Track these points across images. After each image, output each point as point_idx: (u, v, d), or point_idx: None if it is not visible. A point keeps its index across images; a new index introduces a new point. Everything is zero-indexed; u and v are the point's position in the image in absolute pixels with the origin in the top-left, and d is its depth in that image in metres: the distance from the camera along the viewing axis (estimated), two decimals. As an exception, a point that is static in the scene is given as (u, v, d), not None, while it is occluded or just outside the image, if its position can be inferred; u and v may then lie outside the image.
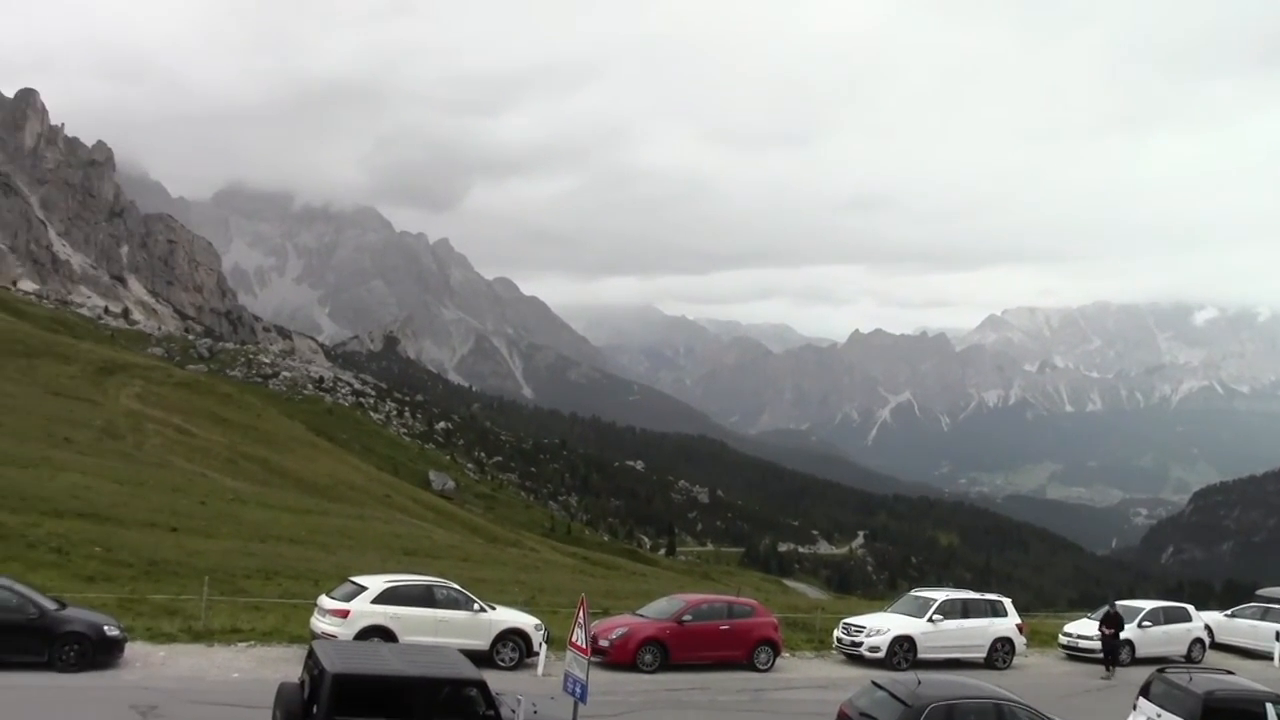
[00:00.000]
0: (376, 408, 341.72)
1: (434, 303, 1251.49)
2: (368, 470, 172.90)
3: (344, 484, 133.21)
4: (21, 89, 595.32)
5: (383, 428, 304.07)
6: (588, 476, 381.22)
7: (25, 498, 61.30)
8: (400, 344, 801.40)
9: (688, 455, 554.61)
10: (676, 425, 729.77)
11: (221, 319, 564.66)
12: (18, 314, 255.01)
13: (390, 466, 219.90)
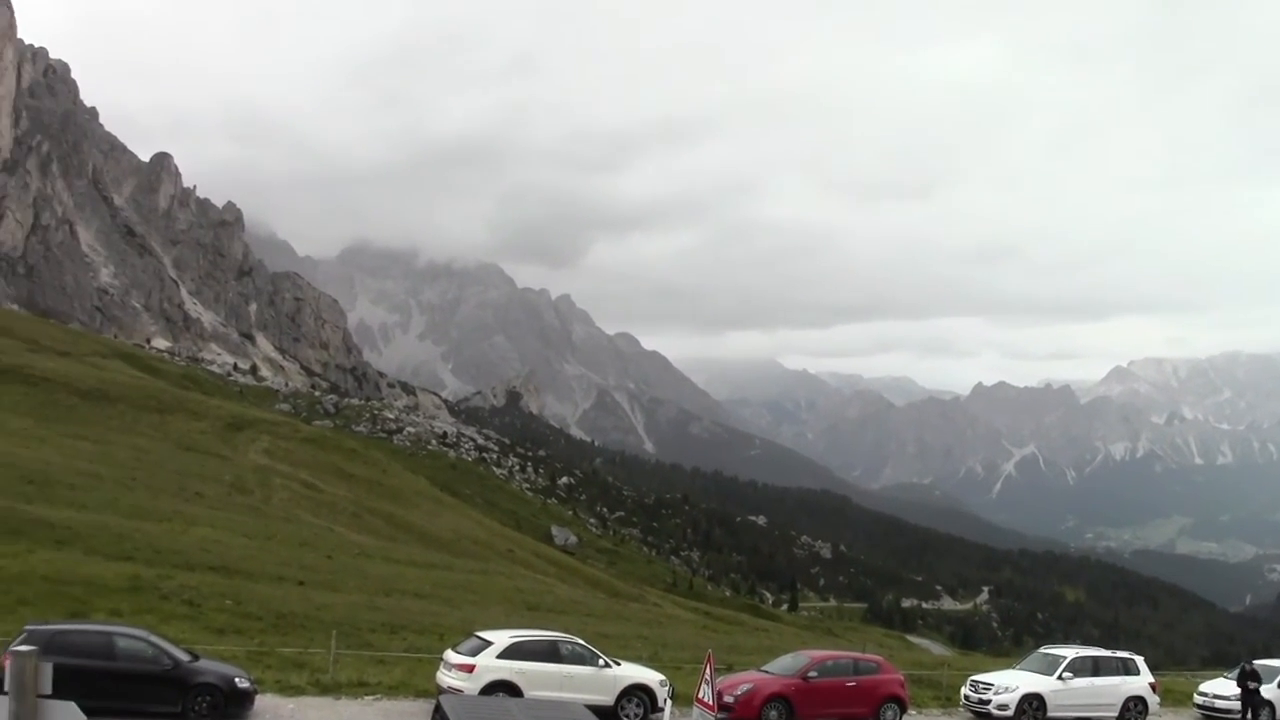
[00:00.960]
0: (499, 463, 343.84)
1: (556, 358, 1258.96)
2: (491, 525, 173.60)
3: (467, 539, 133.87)
4: (156, 153, 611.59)
5: (506, 483, 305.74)
6: (710, 531, 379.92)
7: (159, 551, 62.31)
8: (523, 399, 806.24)
9: (810, 510, 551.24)
10: (799, 479, 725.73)
11: (347, 375, 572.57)
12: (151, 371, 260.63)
13: (513, 521, 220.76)
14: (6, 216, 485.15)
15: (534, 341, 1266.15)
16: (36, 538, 58.67)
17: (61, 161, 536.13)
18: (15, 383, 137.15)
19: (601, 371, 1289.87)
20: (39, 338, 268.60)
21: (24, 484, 75.53)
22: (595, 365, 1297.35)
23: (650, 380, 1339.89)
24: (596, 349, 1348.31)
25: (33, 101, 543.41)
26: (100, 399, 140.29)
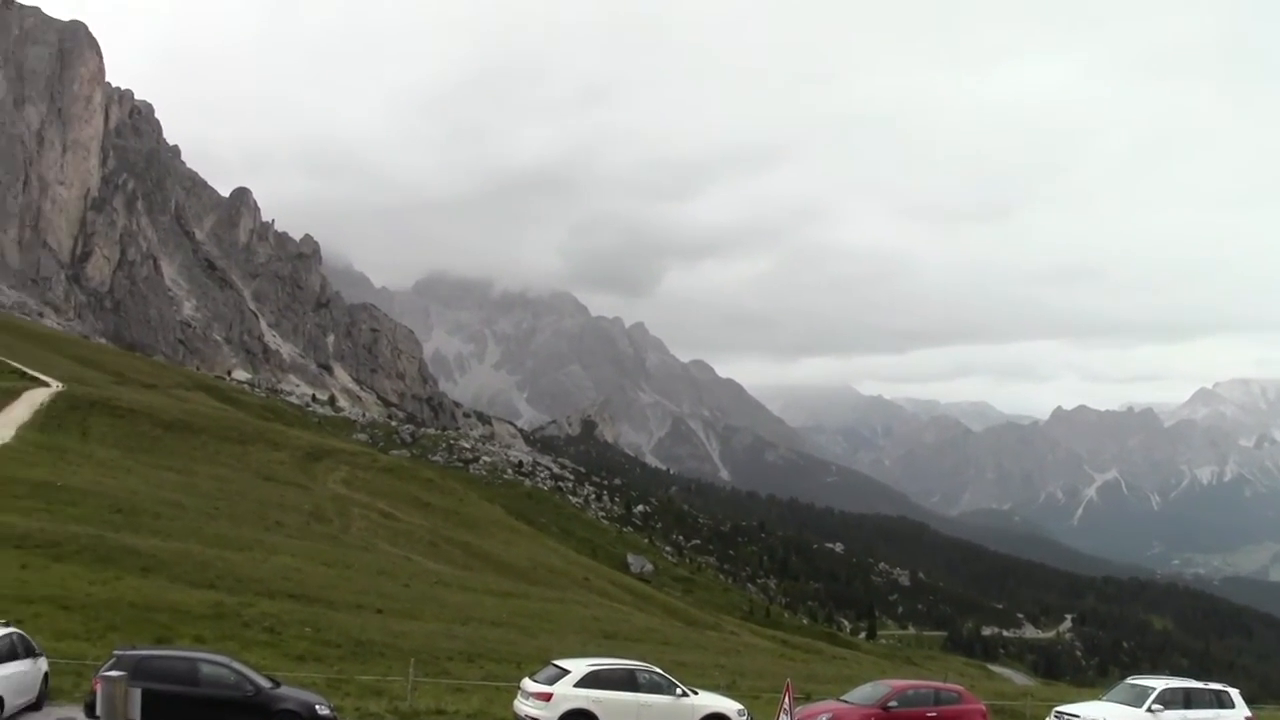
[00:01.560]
0: (575, 491, 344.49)
1: (631, 386, 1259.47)
2: (566, 553, 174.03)
3: (543, 567, 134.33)
4: (236, 188, 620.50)
5: (581, 511, 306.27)
6: (786, 559, 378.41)
7: (240, 579, 63.22)
8: (598, 428, 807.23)
9: (887, 537, 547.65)
10: (876, 506, 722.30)
11: (423, 405, 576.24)
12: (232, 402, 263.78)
13: (589, 549, 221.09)
14: (95, 253, 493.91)
15: (608, 370, 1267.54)
16: (124, 565, 59.76)
17: (146, 199, 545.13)
18: (103, 414, 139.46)
19: (676, 399, 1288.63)
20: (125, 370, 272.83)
21: (112, 513, 76.89)
22: (670, 393, 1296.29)
23: (725, 408, 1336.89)
24: (671, 377, 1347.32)
25: (119, 141, 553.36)
26: (184, 430, 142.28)
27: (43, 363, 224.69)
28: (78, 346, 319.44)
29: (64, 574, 54.92)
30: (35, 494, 78.01)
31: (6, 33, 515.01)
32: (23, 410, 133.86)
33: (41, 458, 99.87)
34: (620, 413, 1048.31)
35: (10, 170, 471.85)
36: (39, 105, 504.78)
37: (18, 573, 52.74)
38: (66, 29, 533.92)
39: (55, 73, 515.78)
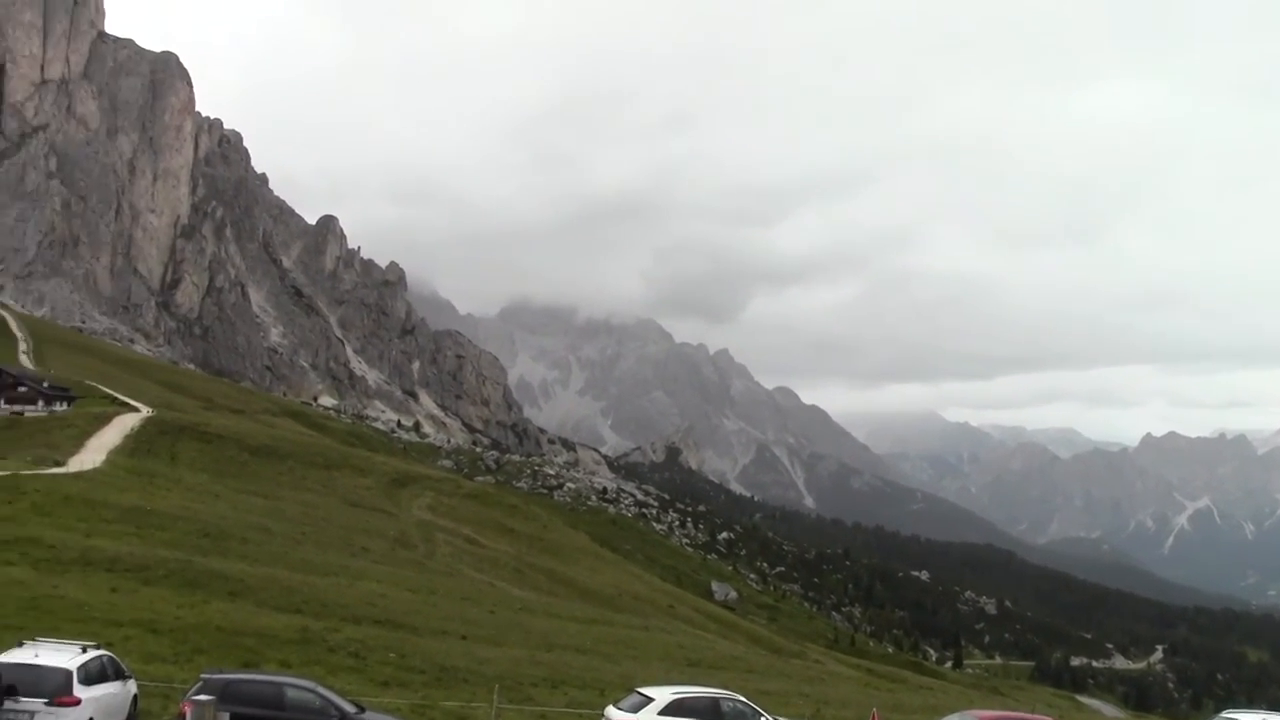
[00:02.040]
0: (659, 518, 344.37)
1: (715, 413, 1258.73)
2: (651, 580, 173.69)
3: (628, 594, 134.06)
4: (323, 216, 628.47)
5: (665, 538, 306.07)
6: (871, 587, 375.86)
7: (326, 604, 63.51)
8: (682, 454, 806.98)
9: (973, 565, 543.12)
10: (961, 534, 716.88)
11: (508, 431, 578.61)
12: (319, 428, 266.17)
13: (673, 577, 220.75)
14: (184, 280, 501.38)
15: (693, 396, 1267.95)
16: (212, 589, 60.25)
17: (235, 226, 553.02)
18: (192, 439, 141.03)
19: (761, 426, 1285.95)
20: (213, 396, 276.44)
21: (200, 537, 77.60)
22: (754, 420, 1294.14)
23: (810, 434, 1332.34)
24: (755, 403, 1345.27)
25: (208, 170, 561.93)
26: (271, 455, 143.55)
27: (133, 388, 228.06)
28: (167, 372, 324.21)
29: (153, 597, 55.44)
30: (125, 518, 78.93)
31: (101, 64, 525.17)
32: (114, 435, 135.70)
33: (132, 482, 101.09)
34: (704, 439, 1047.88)
35: (103, 199, 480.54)
36: (131, 135, 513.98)
37: (108, 596, 53.30)
38: (158, 60, 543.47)
39: (147, 103, 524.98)
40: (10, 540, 62.56)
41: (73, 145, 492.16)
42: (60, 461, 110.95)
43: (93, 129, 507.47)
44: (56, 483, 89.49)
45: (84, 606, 49.54)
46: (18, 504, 76.83)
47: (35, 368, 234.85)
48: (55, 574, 56.79)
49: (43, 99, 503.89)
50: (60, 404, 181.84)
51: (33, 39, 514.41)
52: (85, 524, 74.07)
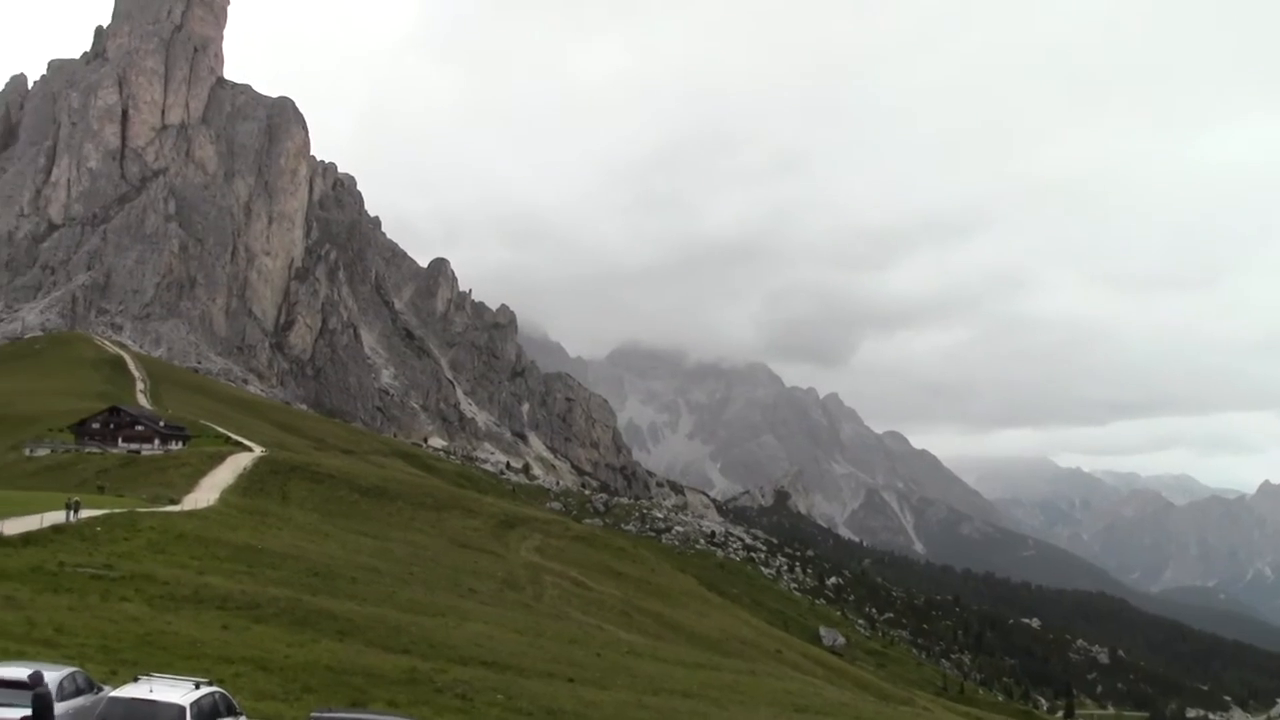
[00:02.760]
0: (767, 562, 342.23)
1: (824, 457, 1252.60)
2: (758, 625, 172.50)
3: (735, 638, 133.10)
4: (434, 259, 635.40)
5: (773, 582, 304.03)
6: (981, 634, 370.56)
7: (434, 645, 63.52)
8: (791, 499, 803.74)
9: (1085, 613, 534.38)
10: (1073, 581, 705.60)
11: (616, 474, 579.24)
12: (429, 469, 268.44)
13: (781, 621, 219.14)
14: (298, 321, 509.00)
15: (802, 440, 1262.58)
16: (321, 628, 60.51)
17: (348, 269, 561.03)
18: (304, 479, 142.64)
19: (870, 471, 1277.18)
20: (325, 436, 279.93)
21: (310, 576, 78.16)
22: (864, 464, 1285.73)
23: (920, 479, 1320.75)
24: (865, 448, 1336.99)
25: (322, 213, 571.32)
26: (380, 496, 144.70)
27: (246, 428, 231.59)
28: (280, 412, 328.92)
29: (263, 635, 55.75)
30: (237, 556, 79.75)
31: (219, 110, 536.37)
32: (227, 474, 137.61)
33: (244, 521, 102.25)
34: (813, 484, 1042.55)
35: (220, 241, 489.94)
36: (247, 178, 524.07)
37: (219, 633, 53.67)
38: (275, 105, 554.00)
39: (263, 147, 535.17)
40: (126, 576, 63.35)
41: (191, 189, 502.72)
42: (175, 499, 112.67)
43: (210, 173, 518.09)
44: (171, 520, 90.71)
45: (196, 643, 49.90)
46: (134, 540, 77.94)
47: (152, 407, 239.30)
48: (169, 610, 57.35)
49: (163, 143, 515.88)
50: (175, 443, 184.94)
51: (154, 85, 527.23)
52: (198, 561, 74.92)
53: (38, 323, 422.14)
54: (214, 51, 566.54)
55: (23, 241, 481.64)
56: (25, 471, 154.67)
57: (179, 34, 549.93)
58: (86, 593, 58.12)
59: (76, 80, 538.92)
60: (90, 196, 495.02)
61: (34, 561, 64.72)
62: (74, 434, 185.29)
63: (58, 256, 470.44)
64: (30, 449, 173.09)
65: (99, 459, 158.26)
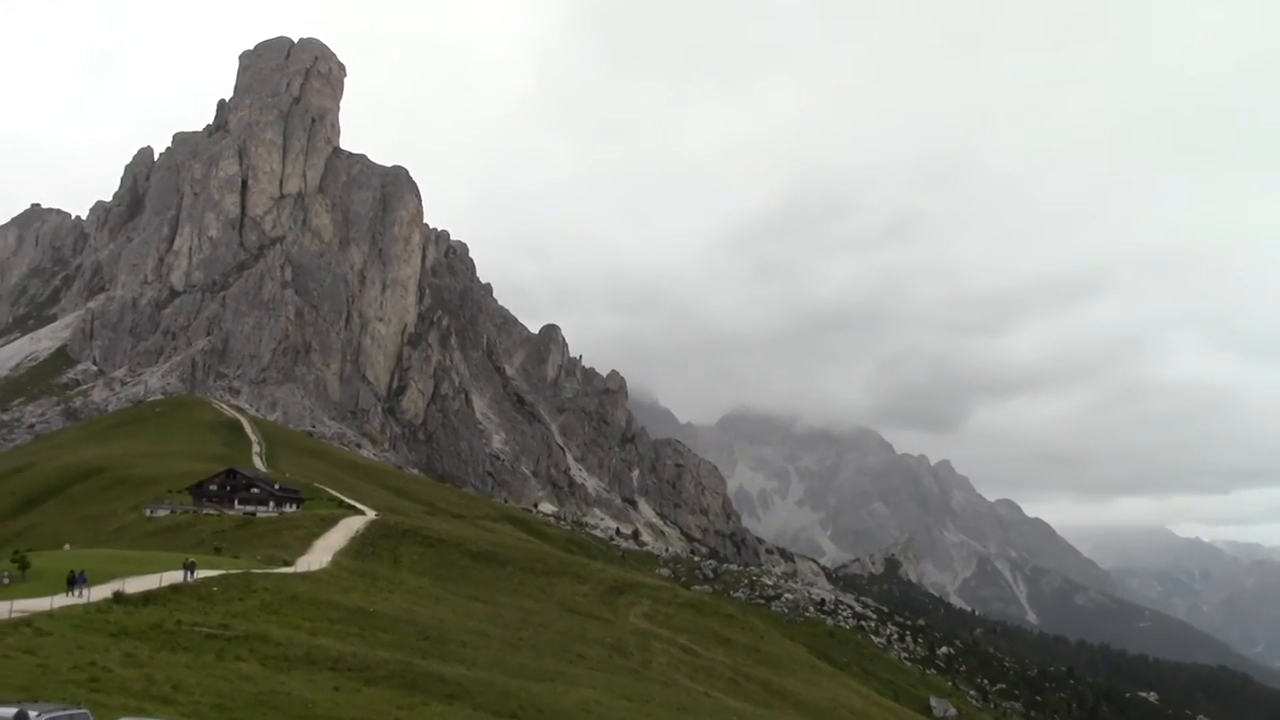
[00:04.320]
0: (877, 631, 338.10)
1: (935, 525, 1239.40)
2: (868, 694, 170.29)
3: (844, 708, 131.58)
4: (545, 325, 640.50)
5: (883, 651, 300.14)
6: (1096, 708, 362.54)
7: (542, 710, 63.54)
8: (902, 567, 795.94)
9: (1206, 687, 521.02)
10: (1192, 655, 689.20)
11: (726, 541, 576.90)
12: (539, 534, 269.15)
13: (891, 691, 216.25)
14: (410, 387, 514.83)
15: (913, 508, 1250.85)
16: (430, 691, 60.80)
17: (459, 335, 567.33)
18: (415, 543, 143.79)
19: (982, 539, 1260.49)
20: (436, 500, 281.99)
21: (420, 639, 78.63)
22: (975, 533, 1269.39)
23: (1033, 548, 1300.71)
24: (977, 516, 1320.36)
25: (435, 280, 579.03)
26: (490, 561, 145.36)
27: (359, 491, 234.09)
28: (392, 477, 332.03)
29: (373, 697, 56.13)
30: (349, 619, 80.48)
31: (335, 179, 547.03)
32: (339, 537, 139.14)
33: (356, 583, 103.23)
34: (924, 552, 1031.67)
35: (335, 307, 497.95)
36: (362, 246, 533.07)
37: (330, 694, 54.14)
38: (389, 174, 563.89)
39: (378, 215, 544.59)
40: (241, 636, 64.18)
41: (307, 256, 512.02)
42: (289, 561, 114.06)
43: (326, 240, 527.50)
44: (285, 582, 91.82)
45: (309, 704, 50.36)
46: (248, 601, 78.99)
47: (267, 470, 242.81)
48: (282, 671, 57.98)
49: (280, 212, 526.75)
50: (290, 505, 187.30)
51: (273, 156, 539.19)
52: (311, 623, 75.69)
53: (159, 386, 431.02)
54: (330, 122, 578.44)
55: (146, 308, 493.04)
56: (145, 531, 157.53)
57: (297, 106, 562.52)
58: (203, 651, 58.97)
59: (199, 152, 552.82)
60: (210, 264, 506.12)
61: (153, 620, 65.84)
62: (192, 495, 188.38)
63: (179, 322, 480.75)
64: (150, 510, 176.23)
65: (216, 520, 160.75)
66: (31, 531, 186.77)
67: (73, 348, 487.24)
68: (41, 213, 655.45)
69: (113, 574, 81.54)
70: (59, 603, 67.23)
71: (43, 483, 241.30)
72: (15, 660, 47.79)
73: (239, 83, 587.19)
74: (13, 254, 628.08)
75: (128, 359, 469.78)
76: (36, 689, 41.10)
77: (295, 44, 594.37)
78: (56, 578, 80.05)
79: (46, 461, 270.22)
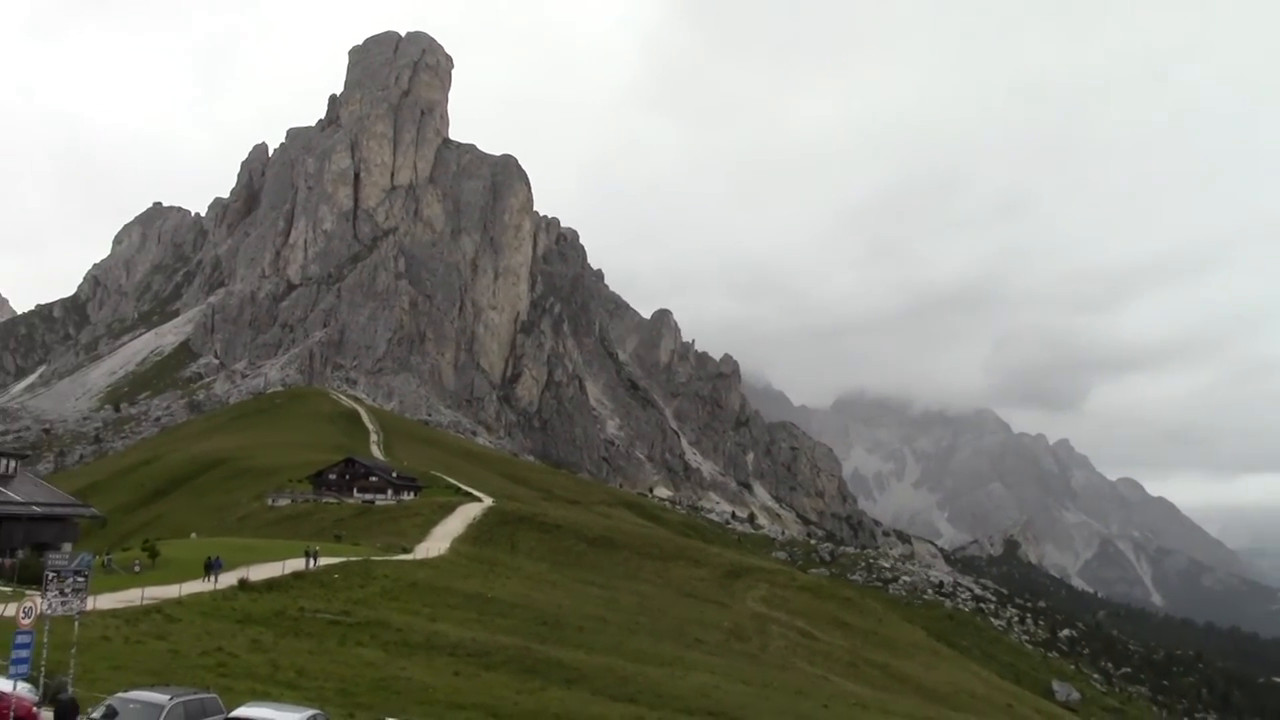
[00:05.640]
0: (997, 613, 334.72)
1: (1055, 505, 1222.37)
2: (989, 678, 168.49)
3: (965, 692, 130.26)
4: (658, 310, 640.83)
5: (1004, 634, 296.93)
6: (1228, 693, 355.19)
7: (660, 694, 63.61)
8: (1021, 548, 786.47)
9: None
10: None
11: (842, 523, 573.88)
12: (654, 519, 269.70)
13: (1012, 675, 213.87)
14: (524, 374, 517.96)
15: (1031, 488, 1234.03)
16: (549, 676, 61.15)
17: (572, 321, 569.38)
18: (532, 529, 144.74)
19: (1104, 519, 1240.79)
20: (552, 487, 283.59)
21: (538, 625, 79.13)
22: (1097, 513, 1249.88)
23: (1157, 528, 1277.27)
24: (1098, 496, 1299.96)
25: (546, 267, 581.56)
26: (607, 546, 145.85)
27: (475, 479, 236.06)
28: (507, 464, 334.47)
29: (492, 682, 56.56)
30: (468, 604, 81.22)
31: (445, 169, 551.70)
32: (457, 524, 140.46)
33: (474, 570, 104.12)
34: (1044, 533, 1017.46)
35: (448, 297, 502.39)
36: (473, 235, 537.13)
37: (451, 679, 54.64)
38: (499, 163, 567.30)
39: (488, 204, 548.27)
40: (362, 623, 65.05)
41: (419, 247, 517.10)
42: (408, 548, 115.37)
43: (438, 231, 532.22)
44: (404, 569, 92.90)
45: (429, 689, 50.89)
46: (369, 588, 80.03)
47: (385, 458, 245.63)
48: (403, 656, 58.67)
49: (392, 204, 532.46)
50: (407, 493, 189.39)
51: (384, 149, 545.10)
52: (430, 609, 76.49)
53: (278, 378, 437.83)
54: (439, 114, 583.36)
55: (264, 301, 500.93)
56: (267, 520, 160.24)
57: (406, 99, 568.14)
58: (325, 637, 59.85)
59: (312, 146, 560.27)
60: (325, 257, 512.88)
61: (277, 606, 66.95)
62: (312, 484, 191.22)
63: (296, 315, 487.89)
64: (272, 499, 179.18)
65: (335, 509, 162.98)
66: (159, 521, 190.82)
67: (195, 342, 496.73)
68: (163, 211, 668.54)
69: (237, 562, 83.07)
70: (188, 589, 68.65)
71: (169, 474, 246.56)
72: (147, 645, 48.87)
73: (349, 77, 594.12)
74: (137, 251, 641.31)
75: (247, 352, 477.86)
76: (168, 673, 41.99)
77: (403, 38, 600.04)
78: (184, 566, 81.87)
79: (172, 453, 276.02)
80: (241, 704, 30.95)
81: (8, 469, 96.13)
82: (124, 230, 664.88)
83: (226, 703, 31.66)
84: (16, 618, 32.59)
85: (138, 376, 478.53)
